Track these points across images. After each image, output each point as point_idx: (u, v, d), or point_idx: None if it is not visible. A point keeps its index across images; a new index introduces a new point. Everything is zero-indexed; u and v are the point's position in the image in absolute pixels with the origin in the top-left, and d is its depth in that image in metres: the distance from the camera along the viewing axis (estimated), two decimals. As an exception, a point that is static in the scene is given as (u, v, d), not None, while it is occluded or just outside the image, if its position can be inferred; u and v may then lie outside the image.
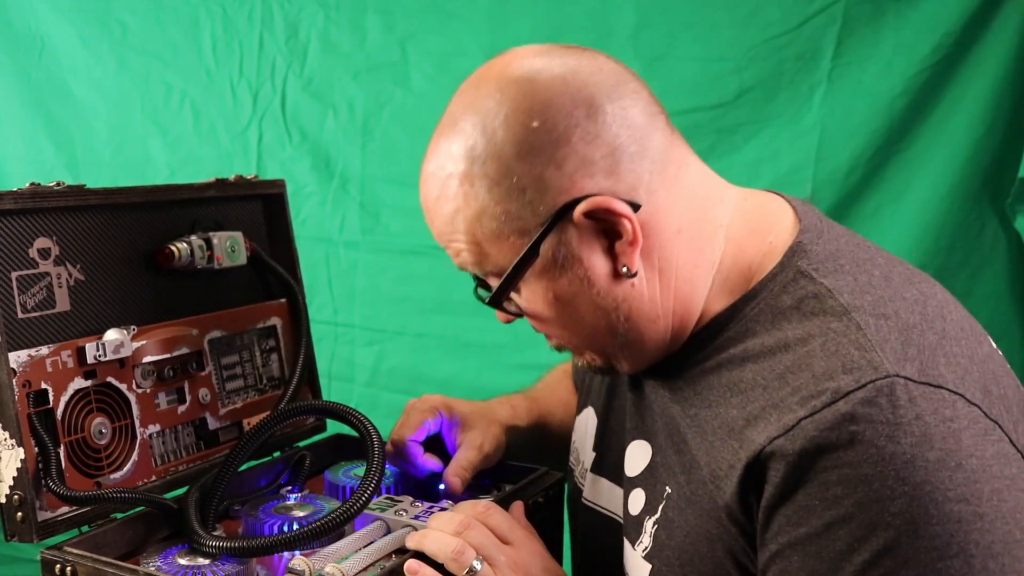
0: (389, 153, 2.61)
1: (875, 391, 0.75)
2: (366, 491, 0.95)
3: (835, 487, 0.75)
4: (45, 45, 2.79)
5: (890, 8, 2.26)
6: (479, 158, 0.84)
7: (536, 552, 0.95)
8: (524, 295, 0.88)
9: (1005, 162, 2.26)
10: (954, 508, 0.73)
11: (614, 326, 0.88)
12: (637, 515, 0.94)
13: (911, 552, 0.73)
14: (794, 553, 0.77)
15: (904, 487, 0.73)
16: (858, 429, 0.74)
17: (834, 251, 0.87)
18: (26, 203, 0.96)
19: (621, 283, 0.86)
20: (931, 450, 0.73)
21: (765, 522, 0.79)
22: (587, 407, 1.13)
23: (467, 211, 0.85)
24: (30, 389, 0.94)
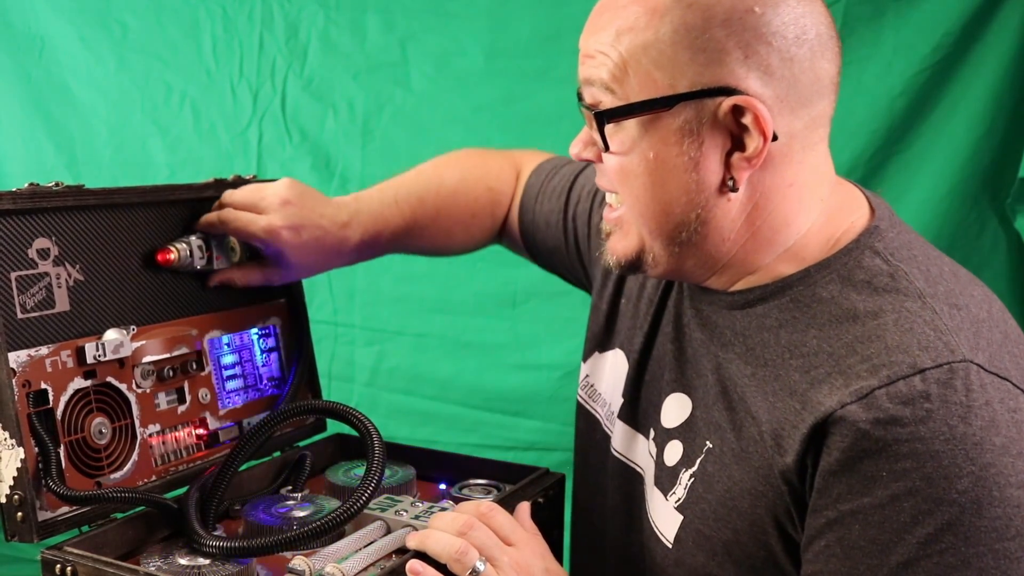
0: (389, 153, 2.61)
1: (950, 373, 0.78)
2: (366, 490, 0.95)
3: (905, 460, 0.77)
4: (45, 45, 2.79)
5: (890, 8, 2.26)
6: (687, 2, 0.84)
7: (538, 553, 0.95)
8: (631, 138, 0.88)
9: (1005, 162, 2.26)
10: (1015, 493, 0.76)
11: (686, 221, 0.89)
12: (672, 466, 0.95)
13: (972, 531, 0.75)
14: (855, 521, 0.79)
15: (972, 467, 0.75)
16: (933, 407, 0.77)
17: (907, 241, 0.91)
18: (25, 203, 0.96)
19: (718, 191, 0.88)
20: (998, 435, 0.76)
21: (824, 487, 0.81)
22: (613, 349, 1.12)
23: (642, 35, 0.85)
24: (30, 389, 0.94)
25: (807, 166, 0.89)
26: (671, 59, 0.84)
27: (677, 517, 0.93)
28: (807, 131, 0.88)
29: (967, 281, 0.90)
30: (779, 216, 0.90)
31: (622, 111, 0.87)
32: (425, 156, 2.62)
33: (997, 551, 0.75)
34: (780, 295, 0.90)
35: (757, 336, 0.91)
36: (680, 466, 0.95)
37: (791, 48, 0.84)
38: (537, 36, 2.44)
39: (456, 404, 2.58)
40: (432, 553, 0.91)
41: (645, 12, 0.85)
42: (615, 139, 0.89)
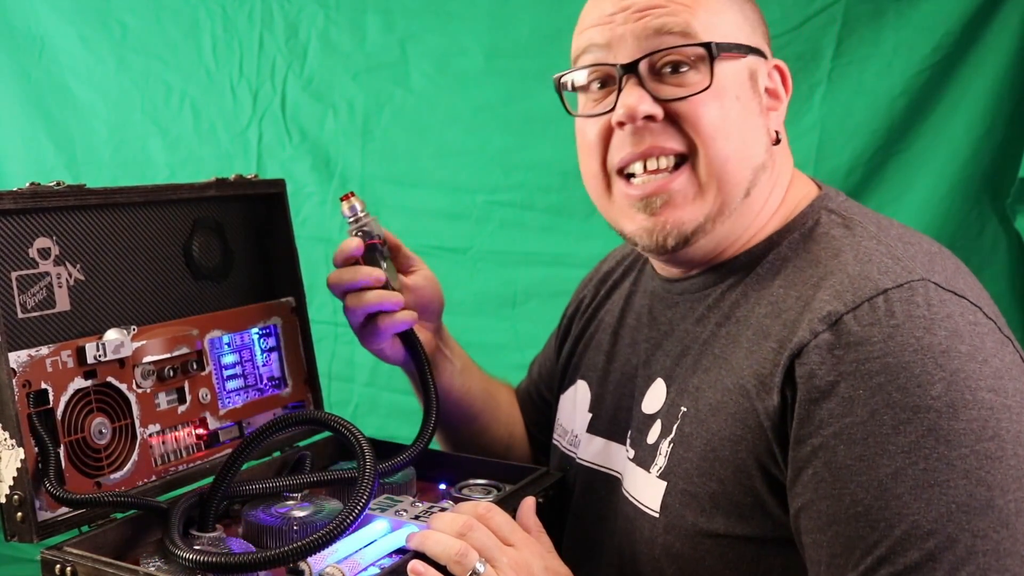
0: (389, 153, 2.61)
1: (911, 290, 0.83)
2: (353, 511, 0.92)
3: (878, 376, 0.79)
4: (45, 45, 2.79)
5: (890, 8, 2.26)
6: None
7: (538, 553, 0.95)
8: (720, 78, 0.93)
9: (1005, 162, 2.26)
10: (986, 396, 0.79)
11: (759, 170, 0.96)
12: (653, 443, 0.99)
13: (952, 433, 0.77)
14: (840, 443, 0.81)
15: (942, 372, 0.78)
16: (898, 322, 0.81)
17: (856, 206, 0.99)
18: (26, 203, 0.96)
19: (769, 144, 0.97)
20: (962, 343, 0.80)
21: (805, 416, 0.83)
22: (576, 382, 1.18)
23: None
24: (30, 389, 0.94)
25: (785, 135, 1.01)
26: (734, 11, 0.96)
27: (660, 485, 0.95)
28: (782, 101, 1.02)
29: (916, 232, 0.96)
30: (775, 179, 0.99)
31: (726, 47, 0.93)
32: (425, 156, 2.64)
33: (978, 452, 0.77)
34: (749, 266, 0.96)
35: (728, 303, 0.96)
36: (660, 440, 0.98)
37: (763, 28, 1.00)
38: (537, 36, 2.44)
39: (456, 404, 2.58)
40: (431, 554, 0.91)
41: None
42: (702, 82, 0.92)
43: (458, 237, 2.55)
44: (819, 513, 0.81)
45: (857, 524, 0.79)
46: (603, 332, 1.17)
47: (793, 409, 0.84)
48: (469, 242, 2.55)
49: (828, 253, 0.90)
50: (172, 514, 0.97)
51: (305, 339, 1.27)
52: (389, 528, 1.01)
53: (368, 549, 0.96)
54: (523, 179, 2.48)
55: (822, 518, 0.81)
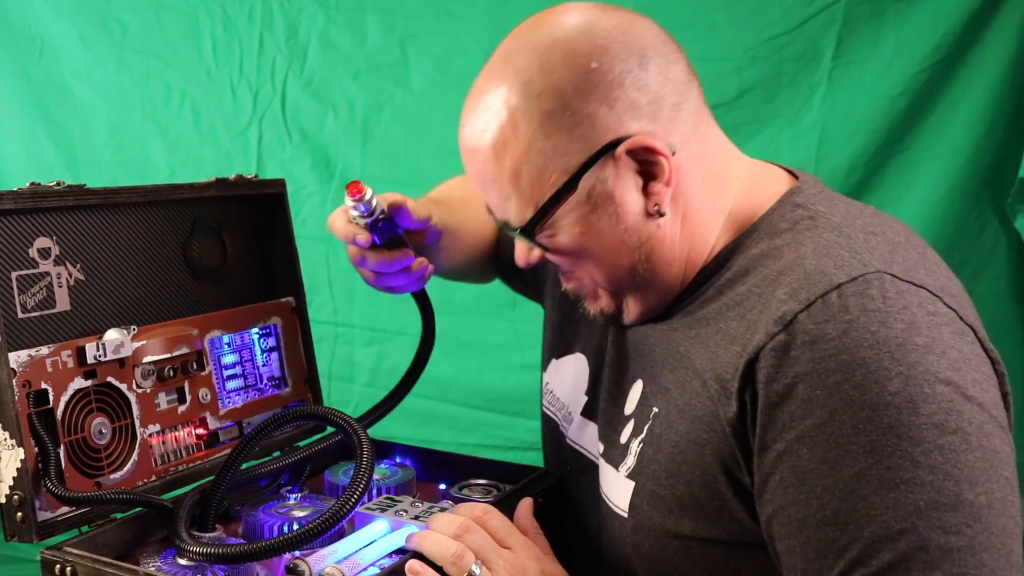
0: (389, 153, 2.61)
1: (865, 283, 0.81)
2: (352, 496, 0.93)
3: (835, 374, 0.78)
4: (45, 45, 2.79)
5: (890, 8, 2.26)
6: (535, 93, 0.88)
7: (534, 556, 0.95)
8: (554, 229, 0.92)
9: (1005, 162, 2.26)
10: (945, 389, 0.77)
11: (634, 265, 0.93)
12: (624, 442, 0.98)
13: (913, 429, 0.76)
14: (802, 446, 0.79)
15: (899, 367, 0.77)
16: (852, 317, 0.79)
17: (829, 196, 0.96)
18: (26, 203, 0.96)
19: (648, 223, 0.92)
20: (919, 336, 0.78)
21: (767, 421, 0.81)
22: (574, 353, 1.16)
23: (516, 145, 0.89)
24: (30, 389, 0.94)
25: (709, 156, 0.94)
26: (555, 147, 0.88)
27: (629, 484, 0.94)
28: (693, 128, 0.92)
29: (887, 219, 0.94)
30: (705, 211, 0.94)
31: (541, 215, 0.91)
32: (425, 156, 2.63)
33: (942, 446, 0.76)
34: (720, 269, 0.94)
35: (700, 304, 0.94)
36: (631, 439, 0.97)
37: (640, 75, 0.89)
38: (537, 36, 2.44)
39: (456, 404, 2.58)
40: (429, 555, 0.91)
41: (505, 125, 0.89)
42: (547, 239, 0.93)
43: (458, 237, 2.55)
44: (789, 519, 0.80)
45: (827, 528, 0.78)
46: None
47: (755, 414, 0.83)
48: (469, 242, 2.55)
49: (790, 248, 0.88)
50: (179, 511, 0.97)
51: (305, 339, 1.27)
52: (389, 528, 1.01)
53: (368, 549, 0.96)
54: (523, 179, 2.48)
55: (792, 524, 0.80)
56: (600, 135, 0.88)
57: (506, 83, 0.90)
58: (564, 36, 0.89)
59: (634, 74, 0.88)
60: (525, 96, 0.88)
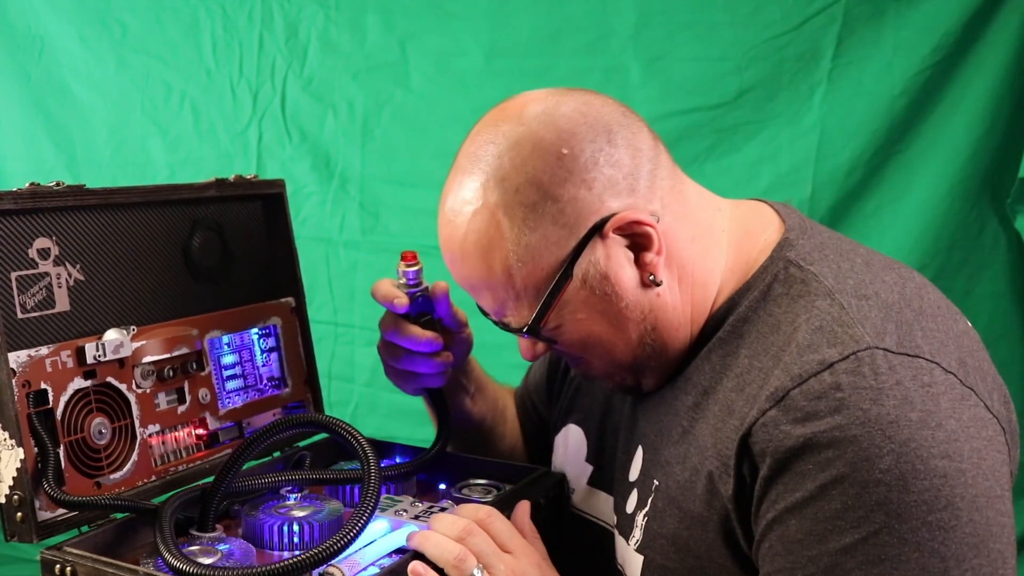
0: (389, 153, 2.61)
1: (857, 361, 0.80)
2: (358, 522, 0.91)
3: (826, 450, 0.78)
4: (45, 45, 2.79)
5: (890, 8, 2.26)
6: (512, 188, 0.88)
7: (535, 562, 0.95)
8: (555, 320, 0.91)
9: (1005, 162, 2.26)
10: (938, 464, 0.77)
11: (642, 338, 0.93)
12: (631, 513, 0.98)
13: (902, 506, 0.76)
14: (791, 517, 0.80)
15: (891, 444, 0.77)
16: (844, 395, 0.79)
17: (819, 244, 0.93)
18: (26, 203, 0.96)
19: (648, 293, 0.91)
20: (913, 411, 0.78)
21: (763, 494, 0.82)
22: (567, 425, 1.17)
23: (504, 244, 0.88)
24: (30, 389, 0.94)
25: (692, 214, 0.93)
26: (543, 239, 0.88)
27: (638, 559, 0.95)
28: (671, 190, 0.92)
29: (880, 268, 0.92)
30: (701, 270, 0.93)
31: (541, 314, 0.90)
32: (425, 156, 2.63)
33: (931, 523, 0.76)
34: (716, 329, 0.93)
35: (701, 372, 0.93)
36: (636, 511, 0.97)
37: (612, 152, 0.89)
38: (537, 36, 2.44)
39: (456, 404, 2.58)
40: (431, 556, 0.91)
41: (489, 225, 0.88)
42: (553, 332, 0.93)
43: (458, 237, 2.55)
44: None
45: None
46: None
47: (752, 487, 0.83)
48: (469, 242, 2.54)
49: (787, 318, 0.87)
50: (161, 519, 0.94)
51: (305, 339, 1.27)
52: (389, 528, 1.01)
53: (368, 549, 0.96)
54: (523, 179, 2.48)
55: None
56: (585, 218, 0.88)
57: (480, 182, 0.89)
58: (528, 128, 0.88)
59: (605, 152, 0.88)
60: (503, 192, 0.87)
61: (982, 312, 2.30)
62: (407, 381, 1.15)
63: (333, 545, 0.88)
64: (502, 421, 1.30)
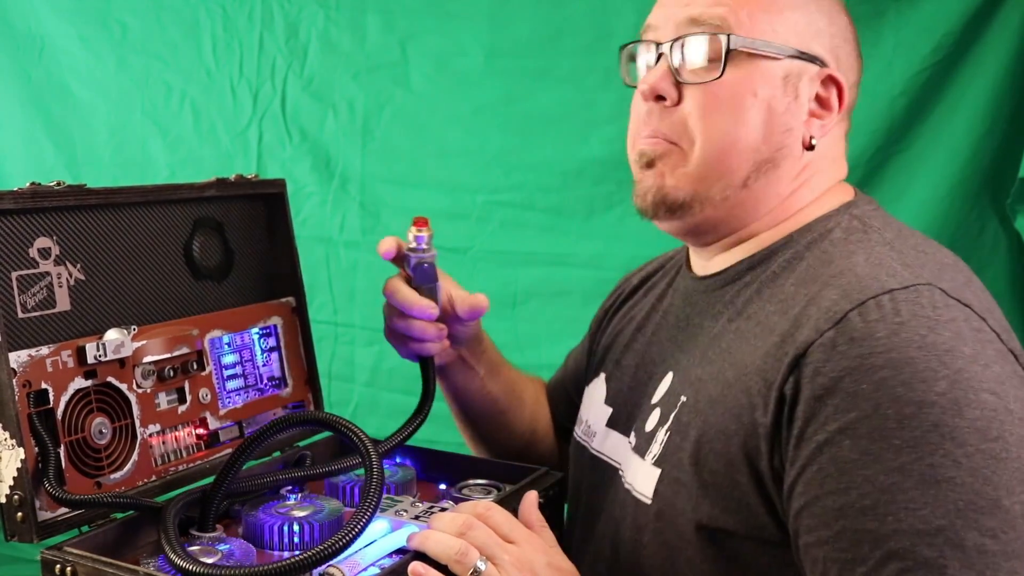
0: (389, 153, 2.61)
1: (917, 292, 0.83)
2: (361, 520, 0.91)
3: (883, 370, 0.79)
4: (45, 45, 2.79)
5: (890, 8, 2.26)
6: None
7: (540, 549, 0.95)
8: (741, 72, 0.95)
9: (1005, 162, 2.26)
10: (989, 398, 0.78)
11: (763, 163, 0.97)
12: (650, 430, 1.00)
13: (957, 431, 0.77)
14: (845, 437, 0.80)
15: (946, 370, 0.78)
16: (902, 320, 0.81)
17: (883, 214, 1.00)
18: (26, 203, 0.96)
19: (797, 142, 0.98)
20: (966, 346, 0.81)
21: (811, 414, 0.82)
22: (598, 375, 1.19)
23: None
24: (30, 389, 0.94)
25: (838, 148, 1.03)
26: (791, 15, 0.96)
27: (654, 472, 0.96)
28: (845, 117, 1.03)
29: (937, 245, 0.96)
30: (812, 184, 1.00)
31: (750, 44, 0.94)
32: (425, 156, 2.63)
33: (984, 451, 0.77)
34: (765, 261, 0.97)
35: (743, 299, 0.96)
36: (657, 427, 0.99)
37: (851, 46, 1.01)
38: (537, 36, 2.44)
39: (456, 404, 2.59)
40: (432, 554, 0.90)
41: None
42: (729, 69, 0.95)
43: (458, 237, 2.55)
44: (824, 509, 0.81)
45: (864, 517, 0.79)
46: (629, 328, 1.18)
47: (793, 408, 0.84)
48: (469, 242, 2.55)
49: (841, 254, 0.91)
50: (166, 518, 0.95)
51: (305, 339, 1.27)
52: (389, 528, 1.01)
53: (368, 549, 0.96)
54: (523, 179, 2.48)
55: (828, 514, 0.81)
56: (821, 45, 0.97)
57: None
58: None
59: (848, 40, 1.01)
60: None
61: (982, 312, 2.30)
62: (401, 343, 1.17)
63: (340, 540, 0.88)
64: (518, 405, 1.31)
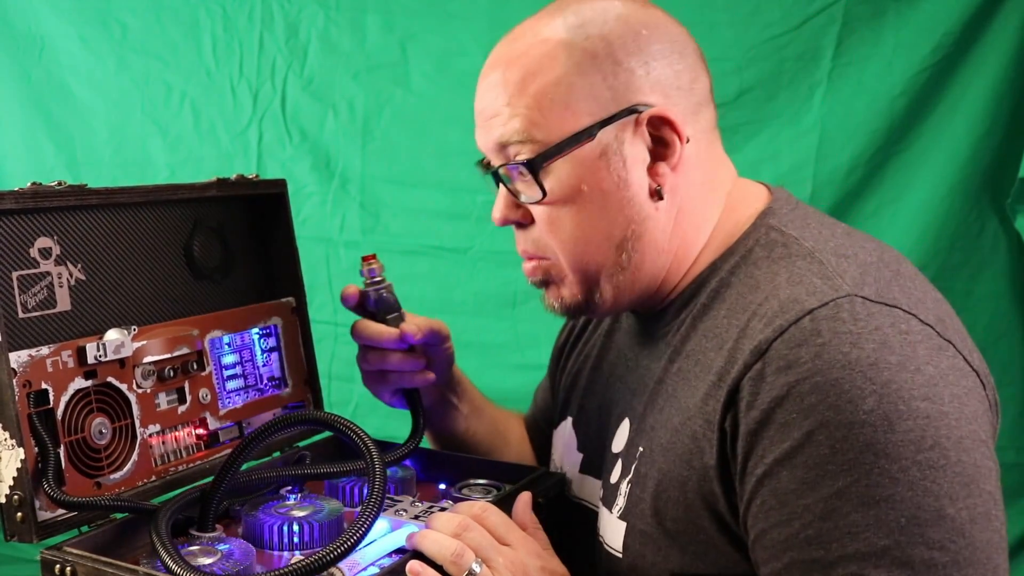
0: (389, 153, 2.61)
1: (836, 307, 0.81)
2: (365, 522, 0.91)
3: (809, 396, 0.78)
4: (45, 45, 2.79)
5: (890, 8, 2.26)
6: (583, 35, 0.91)
7: (534, 552, 0.95)
8: (557, 176, 0.92)
9: (1005, 162, 2.26)
10: (920, 405, 0.77)
11: (624, 243, 0.94)
12: (615, 483, 0.99)
13: (890, 446, 0.76)
14: (782, 468, 0.80)
15: (872, 386, 0.77)
16: (824, 340, 0.80)
17: (801, 214, 0.96)
18: (27, 203, 0.96)
19: (648, 203, 0.93)
20: (892, 355, 0.79)
21: (748, 449, 0.82)
22: (564, 419, 1.18)
23: (548, 75, 0.91)
24: (30, 389, 0.94)
25: (711, 164, 0.97)
26: (588, 86, 0.90)
27: (621, 525, 0.95)
28: (703, 134, 0.95)
29: (861, 238, 0.94)
30: (698, 215, 0.96)
31: (552, 152, 0.90)
32: (425, 156, 2.63)
33: (920, 462, 0.76)
34: (697, 293, 0.95)
35: (679, 336, 0.95)
36: (620, 479, 0.98)
37: (679, 62, 0.93)
38: (537, 36, 2.44)
39: (456, 404, 2.59)
40: (428, 554, 0.91)
41: (544, 54, 0.91)
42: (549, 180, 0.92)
43: (458, 237, 2.55)
44: (772, 542, 0.81)
45: (810, 548, 0.78)
46: (586, 368, 1.17)
47: (734, 444, 0.83)
48: (469, 242, 2.55)
49: (765, 276, 0.89)
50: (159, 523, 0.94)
51: (305, 339, 1.27)
52: (389, 528, 1.01)
53: (368, 549, 0.96)
54: (523, 179, 2.48)
55: (776, 546, 0.80)
56: (631, 94, 0.90)
57: (556, 21, 0.92)
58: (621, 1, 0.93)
59: (674, 58, 0.92)
60: (573, 35, 0.91)
61: (982, 312, 2.30)
62: (382, 383, 1.18)
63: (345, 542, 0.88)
64: (503, 445, 1.31)
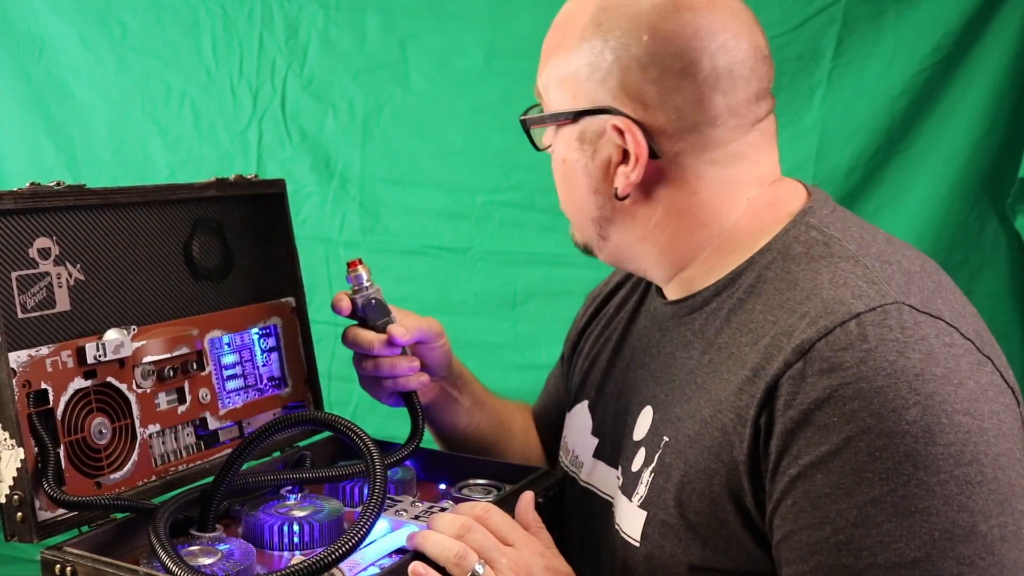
0: (389, 153, 2.61)
1: (884, 314, 0.81)
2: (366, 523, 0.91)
3: (852, 402, 0.78)
4: (45, 45, 2.79)
5: (890, 8, 2.26)
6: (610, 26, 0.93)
7: (538, 552, 0.95)
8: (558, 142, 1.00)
9: (1005, 162, 2.26)
10: (962, 420, 0.77)
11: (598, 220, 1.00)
12: (636, 471, 0.98)
13: (929, 458, 0.76)
14: (817, 471, 0.79)
15: (916, 396, 0.77)
16: (870, 347, 0.79)
17: (841, 217, 0.96)
18: (26, 203, 0.96)
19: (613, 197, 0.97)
20: (937, 366, 0.79)
21: (784, 448, 0.82)
22: (580, 402, 1.17)
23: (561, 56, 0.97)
24: (30, 389, 0.94)
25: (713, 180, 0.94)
26: (575, 79, 0.95)
27: (641, 515, 0.95)
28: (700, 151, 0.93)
29: (901, 246, 0.94)
30: (692, 221, 0.96)
31: (536, 120, 1.01)
32: (425, 156, 2.63)
33: (957, 477, 0.76)
34: (730, 286, 0.95)
35: (712, 328, 0.95)
36: (642, 468, 0.97)
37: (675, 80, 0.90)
38: (537, 36, 2.41)
39: (456, 404, 2.58)
40: (431, 556, 0.91)
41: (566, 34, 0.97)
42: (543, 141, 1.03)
43: (458, 237, 2.55)
44: (800, 544, 0.80)
45: (839, 553, 0.78)
46: (606, 351, 1.16)
47: (768, 441, 0.83)
48: (469, 242, 2.55)
49: (806, 276, 0.88)
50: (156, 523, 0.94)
51: (305, 339, 1.27)
52: (389, 528, 1.01)
53: (368, 549, 0.96)
54: (523, 179, 2.48)
55: (803, 548, 0.80)
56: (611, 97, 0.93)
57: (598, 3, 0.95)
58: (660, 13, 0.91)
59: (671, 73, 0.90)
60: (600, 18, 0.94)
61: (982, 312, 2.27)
62: (378, 388, 1.18)
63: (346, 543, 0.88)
64: (508, 437, 1.31)
